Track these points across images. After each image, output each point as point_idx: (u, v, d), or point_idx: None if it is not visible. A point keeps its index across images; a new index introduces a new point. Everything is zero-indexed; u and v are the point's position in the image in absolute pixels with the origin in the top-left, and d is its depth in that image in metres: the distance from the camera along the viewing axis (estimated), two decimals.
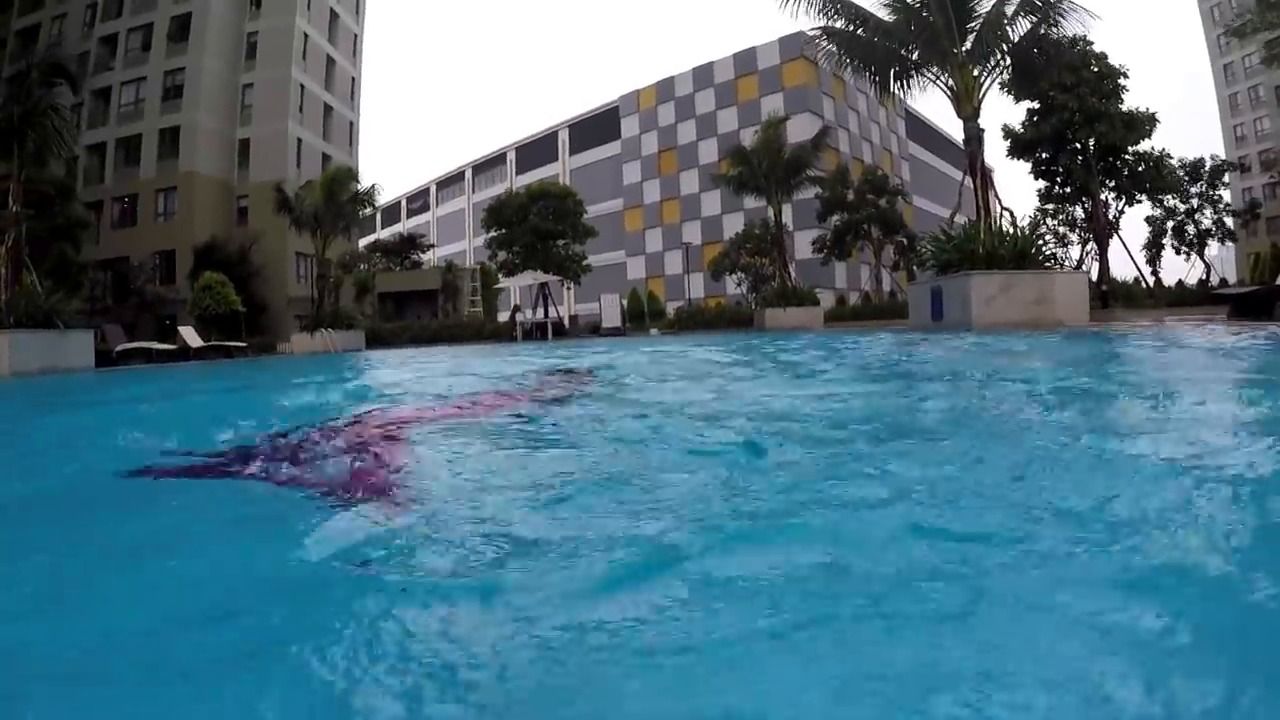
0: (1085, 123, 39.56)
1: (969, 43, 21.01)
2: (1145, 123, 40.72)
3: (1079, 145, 40.97)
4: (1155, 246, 47.37)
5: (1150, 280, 44.68)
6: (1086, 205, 43.21)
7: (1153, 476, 3.19)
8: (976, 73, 21.17)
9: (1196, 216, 46.65)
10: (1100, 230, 41.95)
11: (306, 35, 58.19)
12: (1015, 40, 21.39)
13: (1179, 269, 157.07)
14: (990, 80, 21.85)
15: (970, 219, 20.47)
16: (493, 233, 54.67)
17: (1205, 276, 46.16)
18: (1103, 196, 42.23)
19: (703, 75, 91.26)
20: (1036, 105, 41.36)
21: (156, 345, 32.56)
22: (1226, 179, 47.06)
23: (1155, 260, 47.35)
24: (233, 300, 40.37)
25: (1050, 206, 45.21)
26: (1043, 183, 43.86)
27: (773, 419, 4.97)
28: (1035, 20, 21.12)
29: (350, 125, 66.15)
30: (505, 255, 53.91)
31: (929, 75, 22.03)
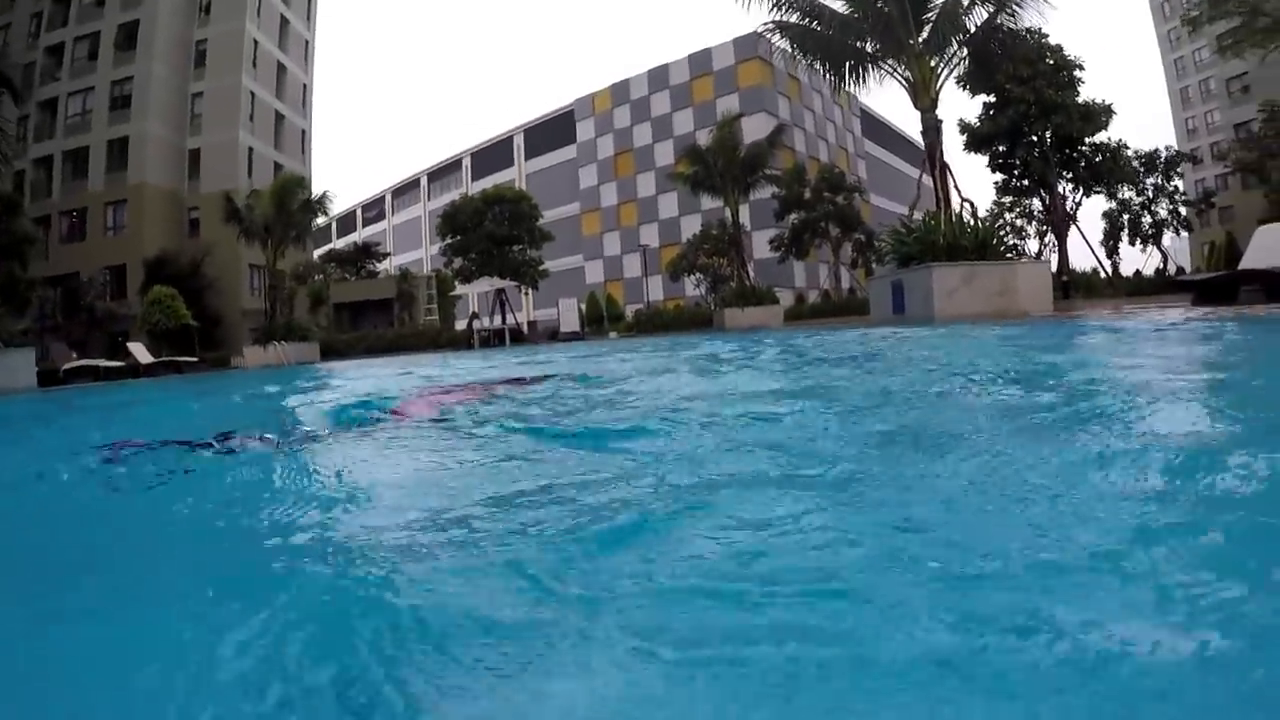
0: (1042, 115, 39.55)
1: (925, 33, 20.79)
2: (1102, 114, 40.81)
3: (1036, 137, 41.00)
4: (1112, 238, 47.50)
5: (1108, 270, 44.80)
6: (1044, 197, 43.27)
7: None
8: (934, 64, 20.94)
9: (1152, 208, 46.78)
10: (1059, 221, 42.04)
11: (256, 42, 57.42)
12: (972, 31, 21.17)
13: (1135, 259, 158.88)
14: (947, 71, 21.65)
15: (929, 212, 20.20)
16: (448, 239, 54.19)
17: (1162, 266, 46.48)
18: (1060, 188, 42.27)
19: (658, 77, 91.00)
20: (992, 99, 41.42)
21: (104, 363, 31.84)
22: (1181, 170, 47.18)
23: (1113, 251, 47.50)
24: (183, 314, 39.64)
25: (1007, 200, 45.26)
26: (1000, 176, 43.92)
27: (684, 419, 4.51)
28: (992, 10, 20.91)
29: (302, 133, 65.42)
30: (461, 262, 53.46)
31: (886, 67, 21.79)
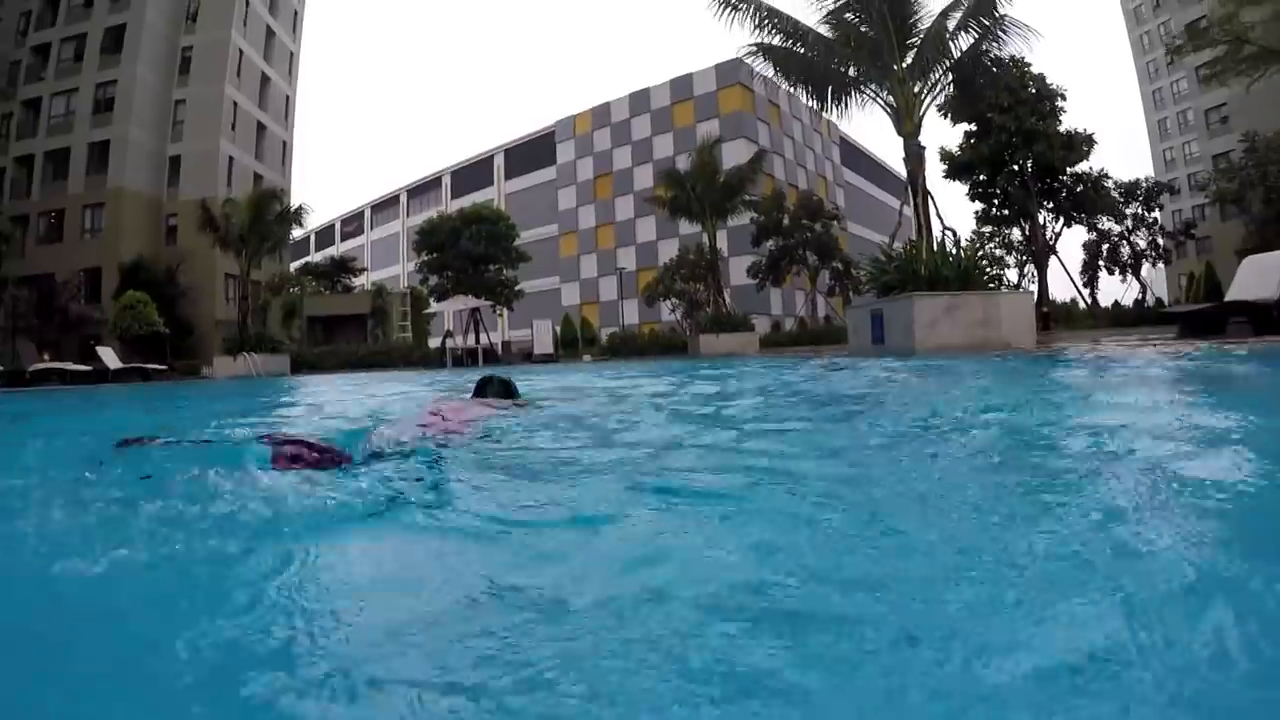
0: (1023, 143, 39.64)
1: (909, 58, 20.72)
2: (1083, 143, 40.92)
3: (1017, 166, 41.05)
4: (1091, 268, 47.69)
5: (1087, 301, 44.99)
6: (1024, 227, 43.39)
7: None
8: (917, 89, 20.84)
9: (1131, 238, 47.01)
10: (1039, 251, 42.13)
11: (242, 52, 57.31)
12: (956, 57, 21.11)
13: (1114, 290, 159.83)
14: (931, 98, 21.55)
15: (910, 241, 20.12)
16: (424, 256, 54.04)
17: (1141, 297, 46.65)
18: (1041, 218, 42.40)
19: (639, 101, 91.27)
20: (974, 127, 41.48)
21: (70, 366, 31.52)
22: (1162, 200, 47.46)
23: (1092, 282, 47.69)
24: (154, 320, 39.36)
25: (987, 229, 45.38)
26: (980, 205, 43.99)
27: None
28: (977, 37, 20.86)
29: (284, 145, 65.17)
30: (436, 280, 53.31)
31: (869, 92, 21.64)
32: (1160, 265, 51.64)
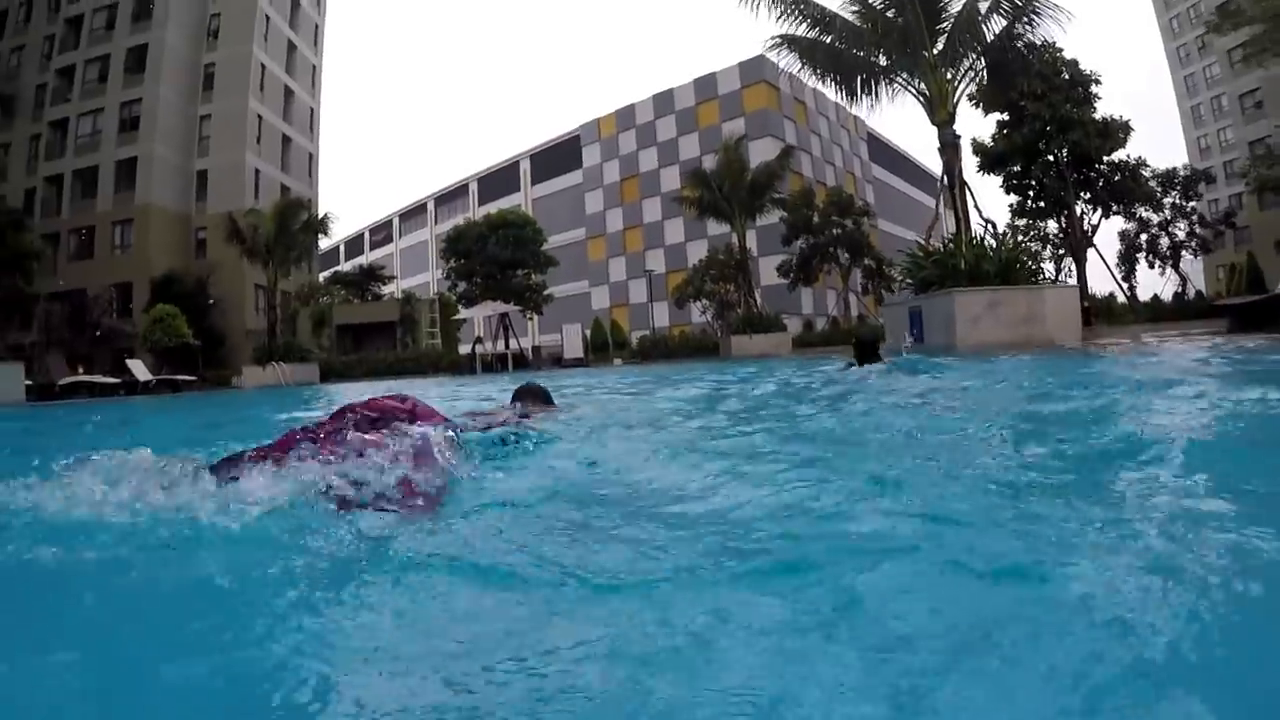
0: (1058, 132, 38.68)
1: (940, 44, 20.14)
2: (1120, 130, 39.95)
3: (1052, 156, 40.15)
4: (1129, 260, 46.69)
5: (1126, 295, 44.07)
6: (1061, 219, 42.55)
7: None
8: (950, 76, 20.25)
9: (1170, 229, 45.99)
10: (1077, 243, 41.27)
11: (264, 66, 57.43)
12: (989, 41, 20.48)
13: (1151, 282, 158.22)
14: (964, 84, 20.96)
15: (947, 235, 19.59)
16: (451, 263, 53.89)
17: (1181, 290, 45.56)
18: (1078, 209, 41.56)
19: (663, 102, 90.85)
20: (1006, 116, 40.67)
21: (99, 379, 31.55)
22: (1201, 189, 46.40)
23: (1130, 275, 46.68)
24: (183, 332, 39.43)
25: (1022, 222, 44.39)
26: (1014, 197, 43.13)
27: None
28: (1009, 19, 20.24)
29: (309, 156, 65.30)
30: (465, 286, 53.15)
31: (900, 81, 21.07)
32: (1198, 257, 50.47)
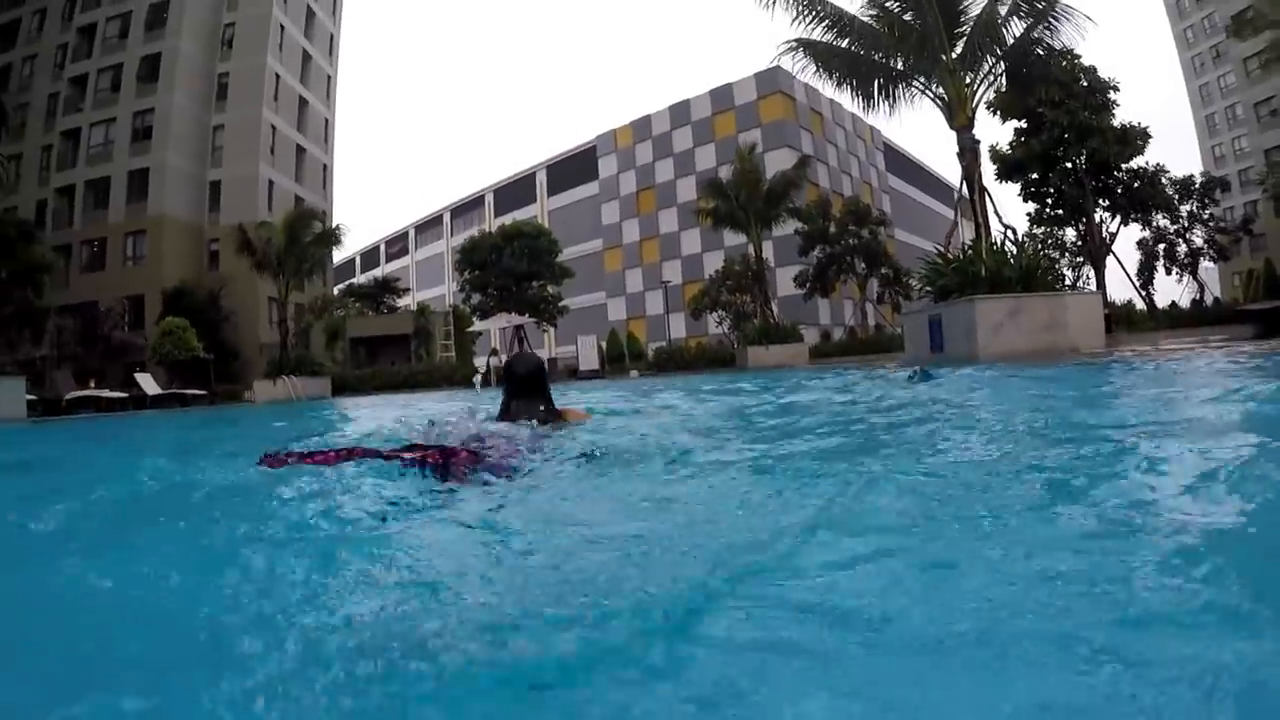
0: (1077, 139, 38.22)
1: (959, 47, 19.73)
2: (1138, 137, 39.48)
3: (1070, 163, 39.72)
4: (1148, 268, 46.15)
5: (1144, 302, 43.55)
6: (1079, 226, 42.08)
7: None
8: (969, 80, 19.83)
9: (1188, 235, 45.46)
10: (1096, 250, 40.78)
11: (278, 76, 57.36)
12: (1008, 45, 20.05)
13: (1168, 289, 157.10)
14: (983, 88, 20.54)
15: (966, 242, 19.13)
16: (466, 274, 53.63)
17: (1198, 296, 45.06)
18: (1097, 216, 41.07)
19: (680, 112, 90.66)
20: (1024, 124, 40.29)
21: (106, 393, 31.24)
22: (1218, 195, 45.85)
23: (1148, 282, 46.12)
24: (194, 346, 39.05)
25: (1039, 231, 43.90)
26: (1033, 205, 42.68)
27: None
28: (1029, 23, 19.81)
29: (324, 168, 65.25)
30: (479, 298, 52.89)
31: (918, 85, 20.65)
32: (1216, 263, 50.04)
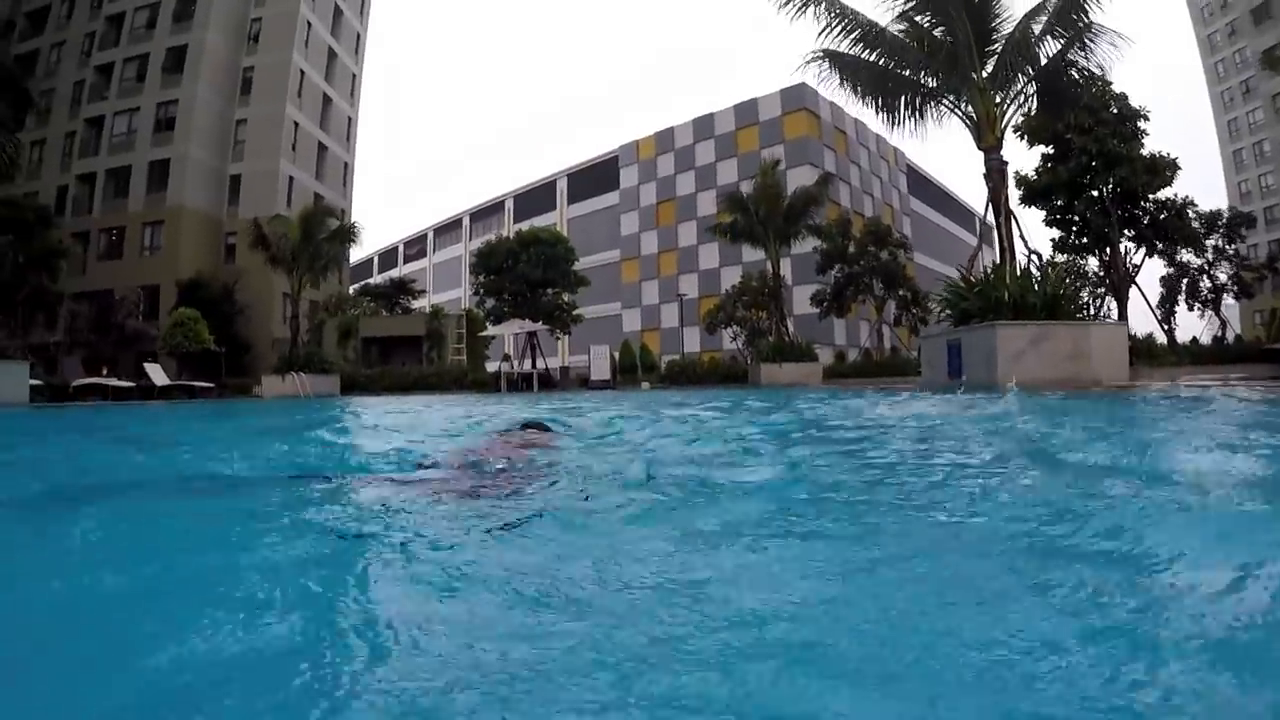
0: (1105, 167, 37.73)
1: (990, 65, 19.37)
2: (1167, 168, 38.97)
3: (1097, 191, 39.21)
4: (1169, 301, 45.54)
5: (1165, 336, 42.99)
6: (1102, 256, 41.58)
7: None
8: (999, 99, 19.45)
9: (1212, 271, 44.86)
10: (1119, 281, 40.29)
11: (303, 73, 57.57)
12: (1041, 65, 19.64)
13: (1189, 324, 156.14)
14: (1014, 109, 20.13)
15: (987, 266, 18.74)
16: (481, 279, 53.42)
17: (1220, 333, 44.51)
18: (1121, 246, 40.59)
19: (703, 126, 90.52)
20: (1051, 150, 39.88)
21: (113, 382, 31.15)
22: (1244, 232, 45.24)
23: (1169, 316, 45.55)
24: (204, 338, 38.99)
25: (1062, 258, 43.38)
26: (1056, 232, 42.19)
27: None
28: (1064, 42, 19.39)
29: (345, 166, 65.36)
30: (494, 303, 52.67)
31: (946, 103, 20.27)
32: (1239, 300, 49.43)
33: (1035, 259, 18.84)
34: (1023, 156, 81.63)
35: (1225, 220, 43.86)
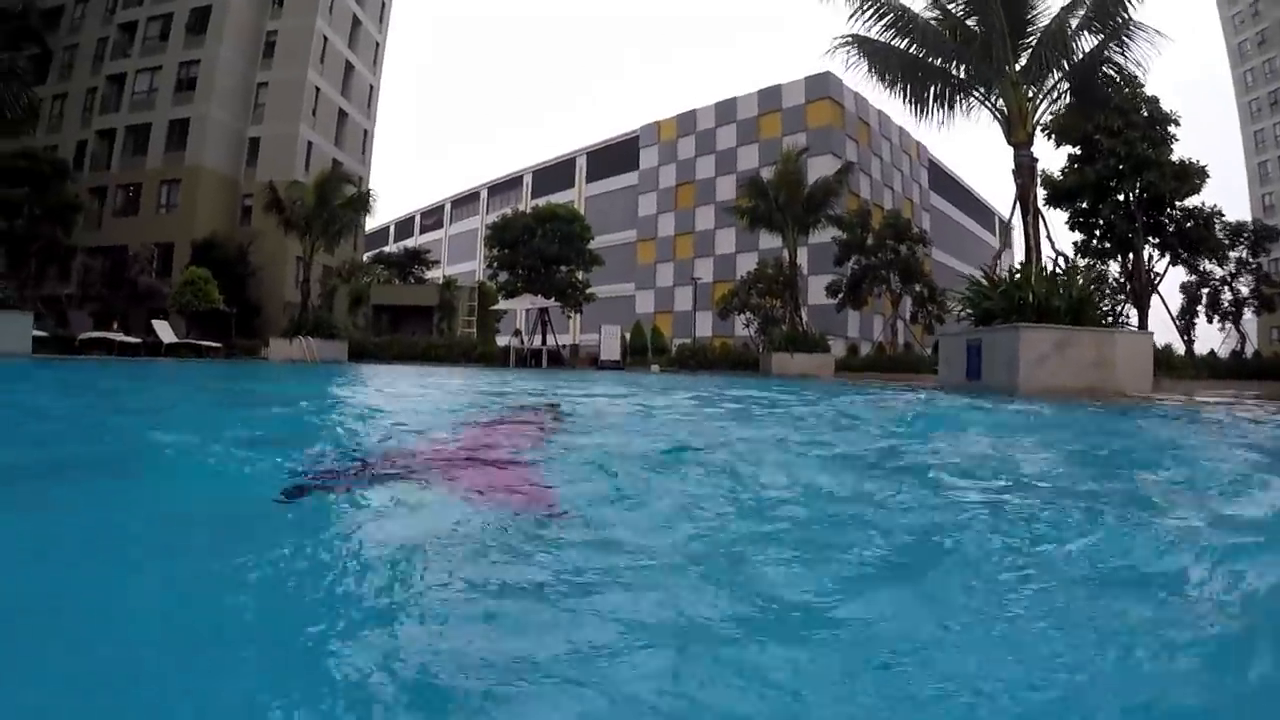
0: (1132, 171, 37.17)
1: (1024, 59, 18.95)
2: (1196, 175, 38.37)
3: (1123, 195, 38.67)
4: (1189, 313, 44.97)
5: (1183, 348, 42.48)
6: (1125, 262, 41.03)
7: None
8: (1031, 94, 19.03)
9: (1234, 284, 44.28)
10: (1141, 289, 39.78)
11: (326, 39, 57.35)
12: (1076, 60, 19.18)
13: (1207, 336, 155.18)
14: (1046, 104, 19.68)
15: (1013, 265, 18.37)
16: (495, 252, 53.14)
17: (1239, 347, 44.00)
18: (1145, 253, 40.07)
19: (725, 110, 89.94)
20: (1078, 151, 39.32)
21: (119, 337, 31.12)
22: (1269, 246, 44.60)
23: (1188, 328, 45.01)
24: (214, 298, 39.02)
25: (1084, 261, 42.81)
26: (1079, 235, 41.65)
27: None
28: (1101, 39, 18.93)
29: (365, 133, 65.15)
30: (507, 277, 52.41)
31: (977, 95, 19.84)
32: (1260, 314, 48.79)
33: (1062, 260, 18.46)
34: (1048, 156, 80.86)
35: (1251, 232, 43.26)
